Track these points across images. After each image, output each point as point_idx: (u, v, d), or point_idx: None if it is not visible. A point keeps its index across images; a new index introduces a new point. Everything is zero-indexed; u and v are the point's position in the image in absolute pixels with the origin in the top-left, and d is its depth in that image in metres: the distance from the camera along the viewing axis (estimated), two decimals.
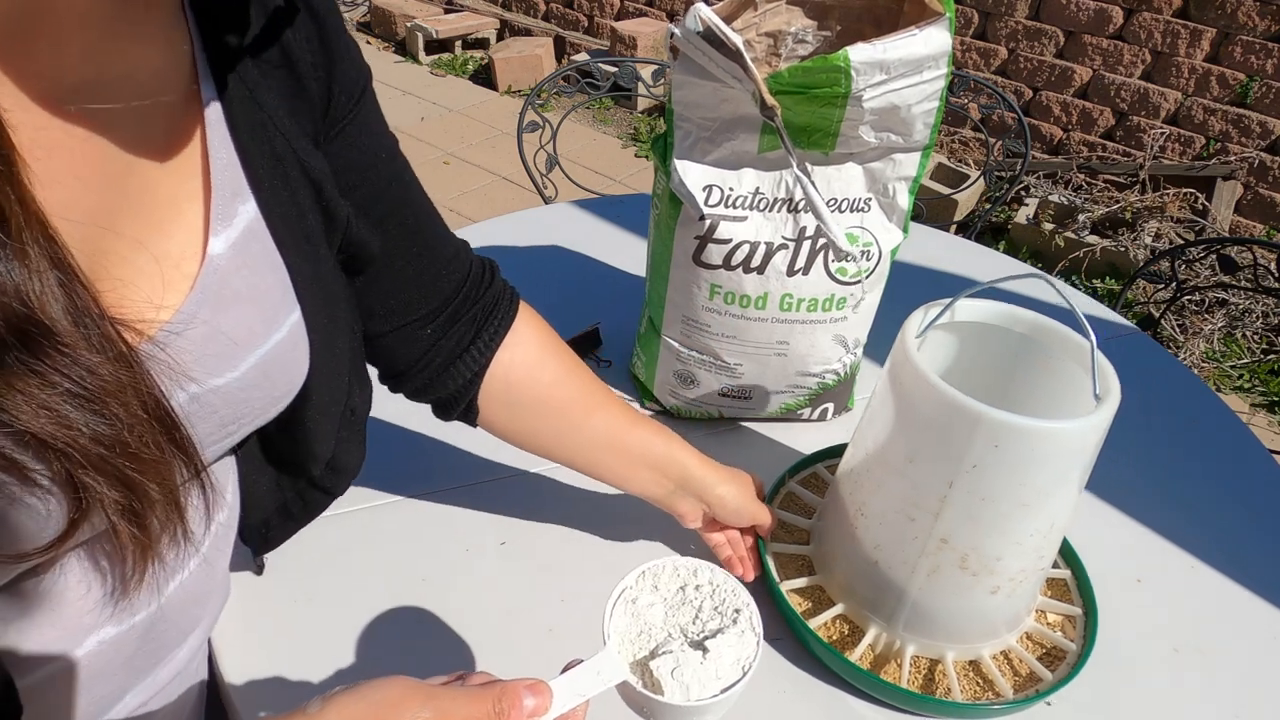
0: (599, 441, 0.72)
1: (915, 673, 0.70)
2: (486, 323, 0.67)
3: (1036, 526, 0.64)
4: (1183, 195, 2.84)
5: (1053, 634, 0.73)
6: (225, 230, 0.45)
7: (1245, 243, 1.70)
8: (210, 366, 0.44)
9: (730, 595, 0.50)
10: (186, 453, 0.39)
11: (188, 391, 0.43)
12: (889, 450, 0.66)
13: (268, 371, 0.48)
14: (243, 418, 0.49)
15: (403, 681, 0.41)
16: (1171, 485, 0.93)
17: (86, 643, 0.46)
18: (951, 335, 0.72)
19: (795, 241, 0.82)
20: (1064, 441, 0.60)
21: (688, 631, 0.48)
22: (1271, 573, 0.83)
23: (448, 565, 0.78)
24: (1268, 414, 2.35)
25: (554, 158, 1.70)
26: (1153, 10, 2.87)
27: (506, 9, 4.46)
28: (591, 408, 0.71)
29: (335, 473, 0.64)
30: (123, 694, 0.52)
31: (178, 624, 0.54)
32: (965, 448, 0.60)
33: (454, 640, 0.71)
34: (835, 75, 0.71)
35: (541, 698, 0.43)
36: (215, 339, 0.45)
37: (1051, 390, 0.68)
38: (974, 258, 1.30)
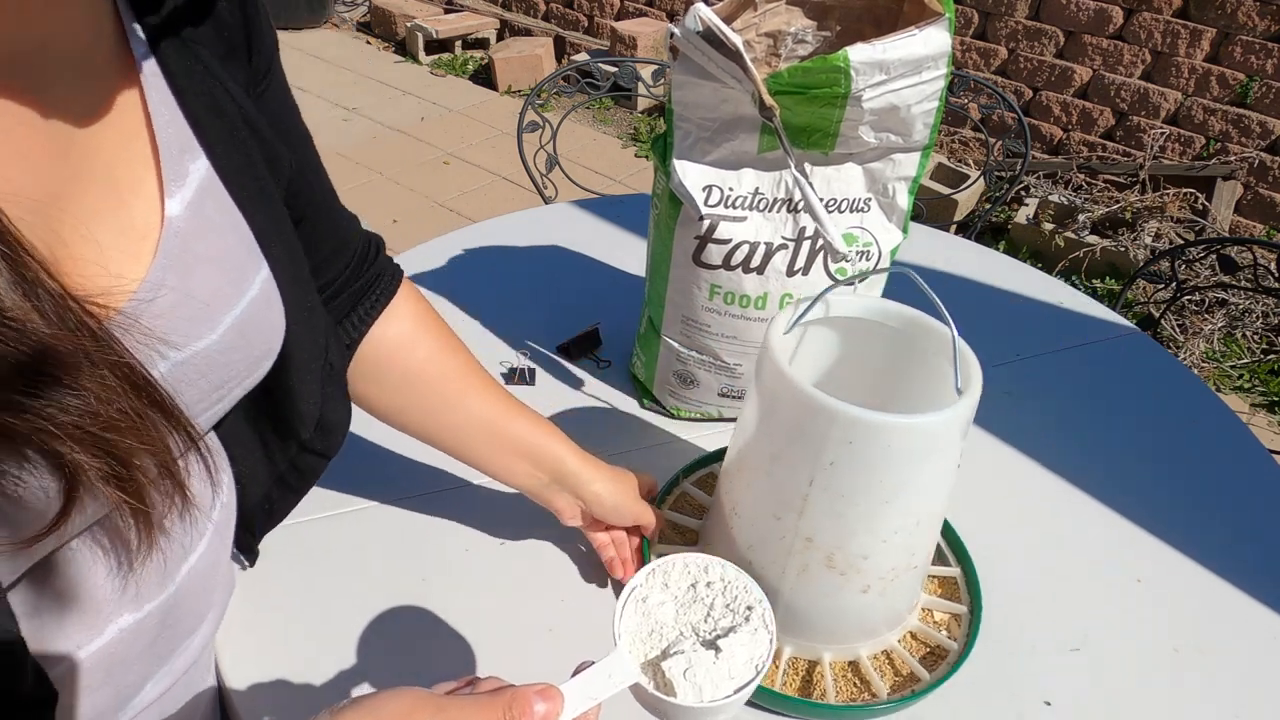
0: (472, 425, 0.70)
1: (793, 675, 0.70)
2: (363, 298, 0.66)
3: (901, 523, 0.63)
4: (1183, 195, 2.84)
5: (936, 633, 0.73)
6: (179, 190, 0.45)
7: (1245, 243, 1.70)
8: (186, 331, 0.44)
9: (742, 592, 0.49)
10: (174, 419, 0.39)
11: (169, 359, 0.43)
12: (755, 448, 0.66)
13: (244, 331, 0.48)
14: (228, 381, 0.48)
15: (412, 692, 0.40)
16: (1171, 485, 0.93)
17: (107, 631, 0.47)
18: (832, 331, 0.71)
19: (795, 241, 0.82)
20: (919, 436, 0.58)
21: (699, 630, 0.48)
22: (1271, 573, 0.83)
23: (448, 565, 0.78)
24: (1268, 414, 2.35)
25: (554, 158, 1.70)
26: (1153, 10, 2.87)
27: (506, 9, 4.47)
28: (466, 390, 0.70)
29: (325, 433, 0.63)
30: (144, 683, 0.52)
31: (192, 609, 0.54)
32: (822, 444, 0.59)
33: (454, 641, 0.71)
34: (835, 75, 0.71)
35: (552, 703, 0.42)
36: (186, 303, 0.44)
37: (926, 384, 0.67)
38: (974, 258, 1.31)
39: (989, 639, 0.75)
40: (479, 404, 0.70)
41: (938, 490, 0.64)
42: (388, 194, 3.07)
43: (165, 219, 0.44)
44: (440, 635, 0.72)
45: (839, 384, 0.71)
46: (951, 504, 0.88)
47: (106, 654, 0.47)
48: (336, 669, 0.68)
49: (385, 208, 2.98)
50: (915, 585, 0.72)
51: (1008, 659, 0.74)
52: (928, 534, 0.68)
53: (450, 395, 0.70)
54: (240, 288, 0.48)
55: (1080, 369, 1.10)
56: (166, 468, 0.39)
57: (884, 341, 0.69)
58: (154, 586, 0.49)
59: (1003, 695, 0.71)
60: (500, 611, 0.74)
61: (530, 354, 1.03)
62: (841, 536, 0.63)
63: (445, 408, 0.70)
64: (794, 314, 0.66)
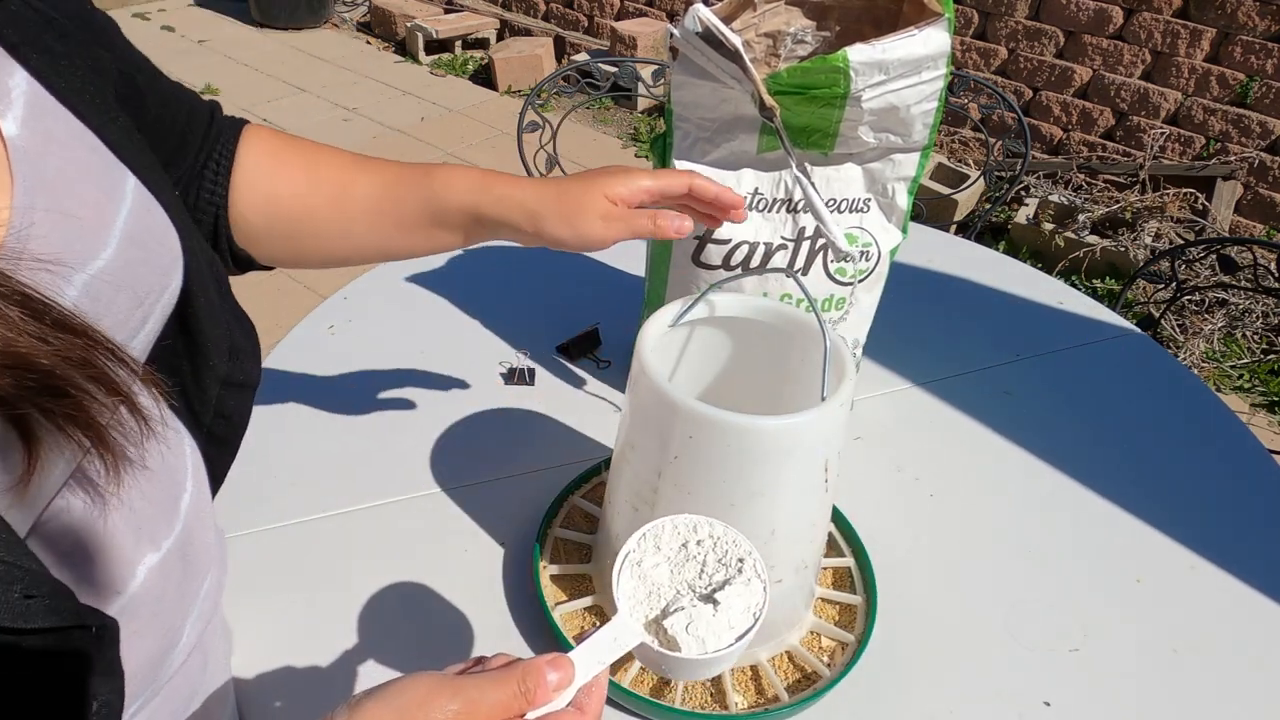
0: (373, 232, 0.65)
1: (696, 687, 0.68)
2: (206, 167, 0.62)
3: (755, 531, 0.60)
4: (1183, 195, 2.84)
5: (832, 627, 0.73)
6: (8, 110, 0.42)
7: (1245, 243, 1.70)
8: (79, 250, 0.42)
9: (732, 546, 0.50)
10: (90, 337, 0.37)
11: (74, 284, 0.42)
12: (623, 439, 0.66)
13: (137, 240, 0.46)
14: (145, 297, 0.47)
15: (427, 677, 0.41)
16: (1171, 485, 0.93)
17: (139, 573, 0.47)
18: (726, 331, 0.71)
19: (794, 242, 0.82)
20: (761, 438, 0.57)
21: (695, 587, 0.49)
22: (1271, 573, 0.83)
23: (448, 565, 0.78)
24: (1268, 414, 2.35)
25: (554, 158, 1.70)
26: (1153, 10, 2.87)
27: (506, 9, 4.47)
28: (344, 203, 0.65)
29: (238, 358, 0.59)
30: (183, 624, 0.52)
31: (202, 546, 0.54)
32: (668, 437, 0.59)
33: (454, 641, 0.71)
34: (834, 76, 0.71)
35: (564, 671, 0.43)
36: (67, 222, 0.42)
37: (809, 386, 0.65)
38: (974, 258, 1.31)
39: (990, 640, 0.75)
40: (363, 208, 0.65)
41: (796, 500, 0.62)
42: None
43: (6, 141, 0.42)
44: (440, 636, 0.72)
45: (737, 383, 0.71)
46: (950, 504, 0.88)
47: (145, 593, 0.48)
48: (335, 669, 0.68)
49: None
50: (805, 585, 0.71)
51: (1008, 659, 0.74)
52: (791, 547, 0.65)
53: (335, 219, 0.65)
54: (114, 198, 0.46)
55: (1080, 369, 1.10)
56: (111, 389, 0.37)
57: (779, 344, 0.68)
58: (162, 524, 0.50)
59: (1003, 695, 0.71)
60: (499, 612, 0.74)
61: (530, 354, 1.03)
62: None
63: (338, 232, 0.65)
64: (681, 308, 0.66)
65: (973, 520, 0.87)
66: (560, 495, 0.82)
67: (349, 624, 0.72)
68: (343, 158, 0.68)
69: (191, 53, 4.17)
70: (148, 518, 0.48)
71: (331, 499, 0.83)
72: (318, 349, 1.01)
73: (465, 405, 0.95)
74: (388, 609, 0.73)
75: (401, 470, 0.86)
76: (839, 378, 0.61)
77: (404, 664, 0.69)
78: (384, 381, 0.97)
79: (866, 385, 1.03)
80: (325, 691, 0.67)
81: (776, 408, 0.59)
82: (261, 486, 0.83)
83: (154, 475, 0.49)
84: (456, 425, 0.92)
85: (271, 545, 0.78)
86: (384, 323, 1.07)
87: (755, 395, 0.70)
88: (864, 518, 0.82)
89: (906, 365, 1.07)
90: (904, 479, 0.91)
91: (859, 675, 0.71)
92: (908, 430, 0.98)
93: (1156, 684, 0.73)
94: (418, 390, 0.97)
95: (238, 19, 4.58)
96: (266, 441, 0.88)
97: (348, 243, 0.66)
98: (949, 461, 0.94)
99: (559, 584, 0.75)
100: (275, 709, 0.66)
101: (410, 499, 0.84)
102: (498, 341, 1.06)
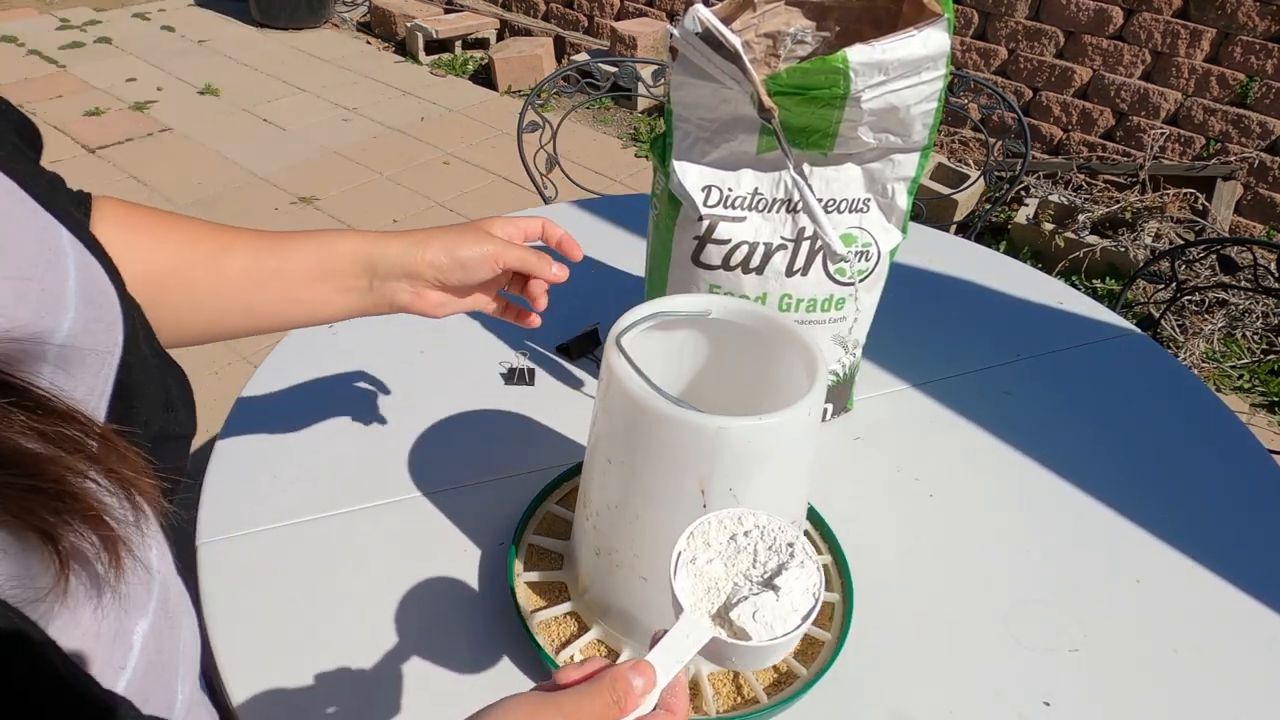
0: (249, 290, 0.61)
1: None
2: None
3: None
4: (1183, 195, 2.84)
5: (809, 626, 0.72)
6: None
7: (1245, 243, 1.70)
8: (45, 318, 0.40)
9: (779, 533, 0.51)
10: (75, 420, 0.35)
11: (49, 359, 0.40)
12: (592, 443, 0.67)
13: (88, 298, 0.44)
14: (103, 360, 0.45)
15: (525, 697, 0.42)
16: (1171, 485, 0.93)
17: (135, 642, 0.46)
18: (700, 332, 0.71)
19: (794, 242, 0.82)
20: (733, 438, 0.58)
21: (751, 576, 0.49)
22: (1271, 573, 0.83)
23: (448, 565, 0.78)
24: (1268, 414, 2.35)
25: (554, 158, 1.70)
26: (1153, 10, 2.87)
27: (506, 9, 4.46)
28: (212, 259, 0.61)
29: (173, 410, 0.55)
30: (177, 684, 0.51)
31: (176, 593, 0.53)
32: (634, 435, 0.60)
33: (454, 641, 0.71)
34: (834, 76, 0.71)
35: (647, 676, 0.44)
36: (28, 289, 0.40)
37: (788, 391, 0.65)
38: (974, 258, 1.31)
39: (990, 640, 0.75)
40: (238, 265, 0.61)
41: (771, 500, 0.62)
42: (388, 194, 3.07)
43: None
44: (440, 636, 0.72)
45: (716, 386, 0.72)
46: (950, 504, 0.88)
47: (145, 663, 0.47)
48: (335, 669, 0.68)
49: (385, 208, 2.98)
50: None
51: (1008, 659, 0.74)
52: None
53: (199, 283, 0.61)
54: (60, 255, 0.43)
55: (1080, 369, 1.10)
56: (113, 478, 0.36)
57: (759, 347, 0.69)
58: (141, 587, 0.49)
59: (1003, 695, 0.71)
60: (499, 612, 0.74)
61: (530, 354, 1.03)
62: (620, 526, 0.65)
63: (202, 298, 0.61)
64: (654, 308, 0.67)
65: (972, 520, 0.87)
66: (534, 501, 0.81)
67: (348, 624, 0.72)
68: (216, 224, 0.63)
69: (191, 53, 4.17)
70: (132, 586, 0.46)
71: (331, 499, 0.83)
72: (318, 349, 1.01)
73: (465, 405, 0.95)
74: (388, 609, 0.73)
75: (402, 470, 0.86)
76: (810, 380, 0.61)
77: (402, 664, 0.69)
78: (384, 381, 0.97)
79: (866, 385, 1.03)
80: (321, 691, 0.67)
81: (754, 411, 0.59)
82: (261, 487, 0.83)
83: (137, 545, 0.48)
84: (457, 425, 0.92)
85: (271, 545, 0.78)
86: (384, 323, 1.07)
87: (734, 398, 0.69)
88: (863, 518, 0.82)
89: (906, 365, 1.07)
90: (904, 479, 0.91)
91: (856, 676, 0.71)
92: (907, 430, 0.98)
93: (1156, 684, 0.73)
94: (417, 390, 0.97)
95: (238, 19, 4.58)
96: (266, 441, 0.88)
97: (224, 308, 0.62)
98: (949, 461, 0.94)
99: (536, 591, 0.75)
100: (273, 708, 0.66)
101: (410, 499, 0.84)
102: (498, 341, 1.06)
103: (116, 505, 0.37)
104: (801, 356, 0.63)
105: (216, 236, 0.62)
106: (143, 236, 0.61)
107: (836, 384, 0.94)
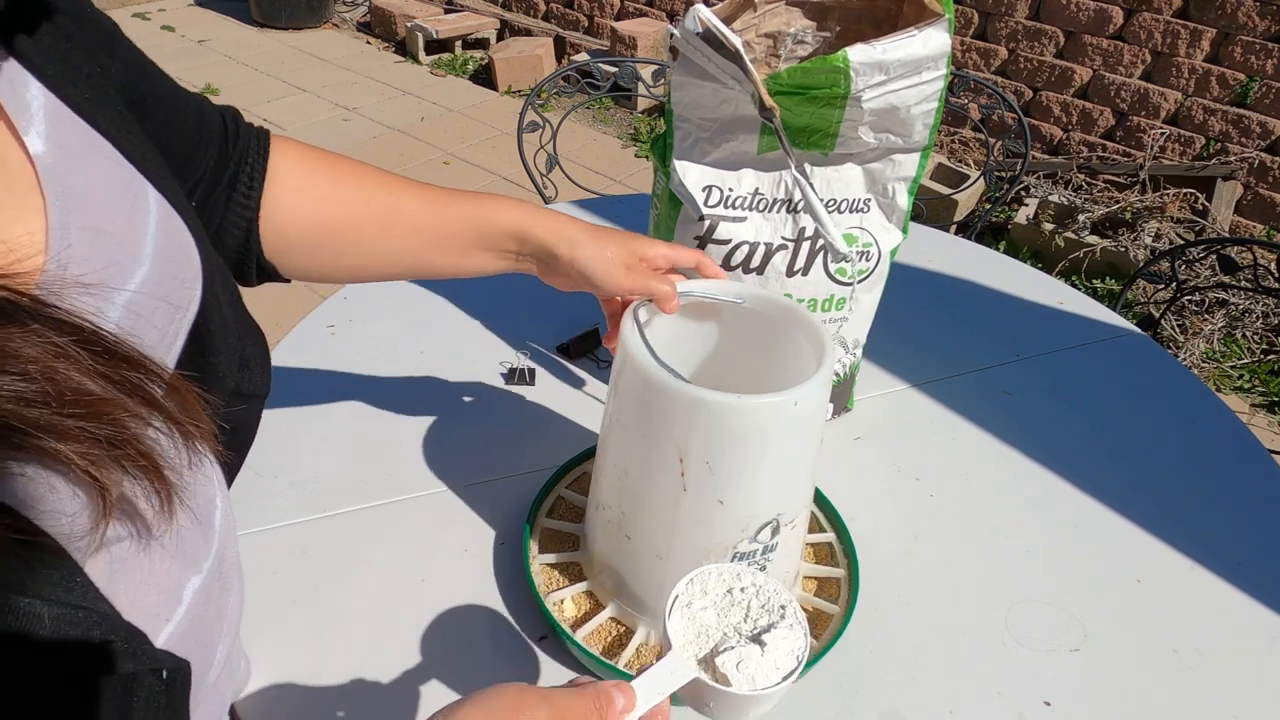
0: (413, 250, 0.67)
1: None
2: (238, 179, 0.62)
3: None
4: (1183, 195, 2.84)
5: (815, 599, 0.74)
6: (31, 125, 0.41)
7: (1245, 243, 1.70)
8: (117, 268, 0.41)
9: (774, 594, 0.53)
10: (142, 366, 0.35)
11: (117, 305, 0.41)
12: (606, 425, 0.69)
13: (166, 253, 0.45)
14: (175, 313, 0.46)
15: (513, 686, 0.44)
16: (1171, 485, 0.93)
17: (184, 598, 0.47)
18: (709, 318, 0.73)
19: (795, 242, 0.82)
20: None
21: (741, 629, 0.52)
22: (1271, 573, 0.83)
23: (448, 565, 0.78)
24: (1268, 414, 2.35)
25: (554, 158, 1.70)
26: (1153, 10, 2.87)
27: (506, 9, 4.47)
28: (384, 217, 0.66)
29: (248, 369, 0.58)
30: (218, 642, 0.52)
31: (231, 561, 0.54)
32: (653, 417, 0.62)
33: (453, 641, 0.71)
34: (834, 76, 0.71)
35: (628, 696, 0.47)
36: (102, 240, 0.41)
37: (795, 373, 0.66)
38: (974, 258, 1.31)
39: (990, 640, 0.75)
40: (407, 221, 0.66)
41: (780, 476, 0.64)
42: None
43: (34, 159, 0.40)
44: (439, 635, 0.72)
45: (725, 370, 0.73)
46: (950, 504, 0.88)
47: (191, 618, 0.47)
48: (334, 668, 0.68)
49: None
50: (790, 559, 0.72)
51: (1008, 659, 0.74)
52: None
53: (369, 232, 0.66)
54: (141, 212, 0.45)
55: (1080, 369, 1.10)
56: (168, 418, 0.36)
57: (767, 331, 0.70)
58: (201, 545, 0.49)
59: (1003, 695, 0.71)
60: (499, 612, 0.74)
61: (530, 354, 1.03)
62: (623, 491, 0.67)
63: (371, 248, 0.66)
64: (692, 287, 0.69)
65: (972, 520, 0.87)
66: (546, 486, 0.82)
67: (348, 624, 0.72)
68: (387, 175, 0.68)
69: (191, 53, 4.17)
70: (189, 541, 0.47)
71: (331, 499, 0.83)
72: (318, 349, 1.01)
73: (465, 405, 0.95)
74: (387, 608, 0.73)
75: (401, 470, 0.86)
76: (818, 359, 0.62)
77: (403, 663, 0.69)
78: (384, 381, 0.97)
79: (866, 385, 1.03)
80: (326, 690, 0.67)
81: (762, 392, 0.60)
82: (261, 486, 0.83)
83: (192, 496, 0.49)
84: (456, 425, 0.92)
85: (272, 545, 0.78)
86: (384, 323, 1.07)
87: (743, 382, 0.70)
88: (864, 518, 0.82)
89: (906, 365, 1.07)
90: (904, 479, 0.91)
91: (856, 676, 0.71)
92: (908, 430, 0.98)
93: (1156, 684, 0.73)
94: (418, 390, 0.97)
95: (238, 19, 4.59)
96: (267, 441, 0.88)
97: (384, 259, 0.68)
98: (949, 461, 0.94)
99: (552, 572, 0.76)
100: (276, 708, 0.66)
101: (410, 499, 0.84)
102: (498, 341, 1.06)
103: (175, 454, 0.37)
104: (815, 350, 0.64)
105: (387, 195, 0.66)
106: (322, 188, 0.65)
107: (837, 384, 0.94)
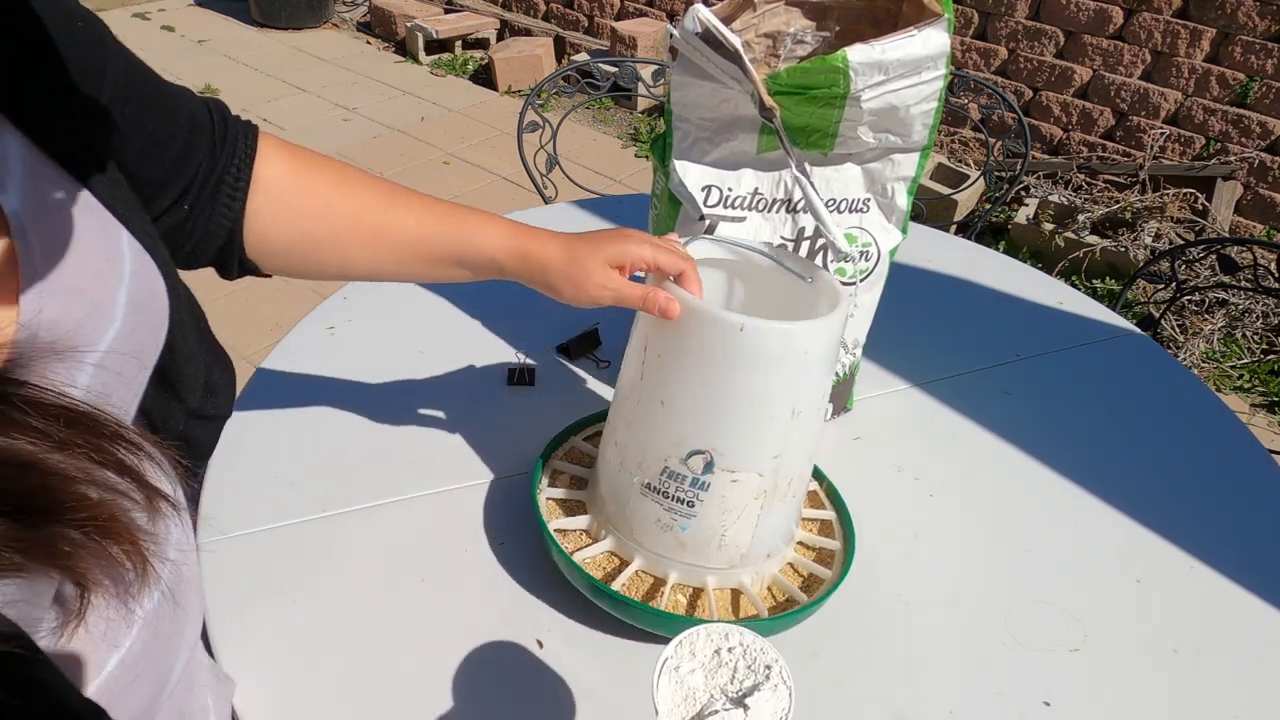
0: (398, 262, 0.68)
1: (678, 601, 0.73)
2: (224, 179, 0.61)
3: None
4: (1183, 195, 2.84)
5: (810, 563, 0.77)
6: (9, 179, 0.39)
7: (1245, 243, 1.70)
8: (89, 329, 0.40)
9: (760, 654, 0.54)
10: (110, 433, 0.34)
11: (86, 368, 0.39)
12: (630, 353, 0.71)
13: (138, 302, 0.44)
14: (146, 359, 0.45)
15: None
16: (1171, 485, 0.93)
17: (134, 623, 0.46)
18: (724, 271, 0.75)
19: (794, 242, 0.82)
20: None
21: (727, 691, 0.53)
22: (1271, 573, 0.83)
23: (448, 565, 0.78)
24: (1268, 414, 2.35)
25: (554, 158, 1.70)
26: (1153, 10, 2.87)
27: (506, 9, 4.47)
28: (369, 233, 0.66)
29: (213, 394, 0.57)
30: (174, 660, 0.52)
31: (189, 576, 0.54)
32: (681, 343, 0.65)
33: (452, 641, 0.71)
34: (834, 76, 0.71)
35: None
36: (74, 301, 0.39)
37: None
38: (974, 258, 1.31)
39: (990, 640, 0.75)
40: (387, 245, 0.67)
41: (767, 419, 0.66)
42: None
43: (8, 217, 0.38)
44: (439, 635, 0.72)
45: None
46: (950, 504, 0.88)
47: (140, 642, 0.47)
48: (334, 668, 0.68)
49: None
50: (788, 513, 0.74)
51: (1008, 659, 0.74)
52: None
53: (352, 242, 0.67)
54: (115, 262, 0.44)
55: (1080, 369, 1.10)
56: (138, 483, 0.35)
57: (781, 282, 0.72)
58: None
59: (1003, 695, 0.71)
60: (499, 612, 0.74)
61: (530, 354, 1.03)
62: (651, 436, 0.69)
63: (352, 256, 0.67)
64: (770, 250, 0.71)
65: (972, 520, 0.87)
66: (562, 434, 0.86)
67: (348, 623, 0.72)
68: (374, 185, 0.68)
69: (191, 53, 4.17)
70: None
71: (331, 499, 0.83)
72: (318, 349, 1.01)
73: (465, 405, 0.95)
74: (386, 608, 0.73)
75: (401, 470, 0.86)
76: (831, 303, 0.66)
77: (403, 664, 0.69)
78: (384, 382, 0.97)
79: (866, 385, 1.03)
80: (325, 690, 0.67)
81: None
82: (261, 486, 0.83)
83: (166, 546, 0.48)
84: (456, 425, 0.92)
85: (271, 545, 0.78)
86: (384, 323, 1.07)
87: None
88: (864, 518, 0.82)
89: (906, 365, 1.07)
90: (904, 479, 0.91)
91: (856, 676, 0.71)
92: (908, 430, 0.98)
93: (1156, 684, 0.73)
94: (418, 390, 0.97)
95: (238, 19, 4.59)
96: (267, 441, 0.88)
97: (366, 269, 0.69)
98: (949, 461, 0.94)
99: (556, 506, 0.80)
100: (275, 709, 0.66)
101: (410, 499, 0.84)
102: (498, 341, 1.06)
103: (145, 517, 0.36)
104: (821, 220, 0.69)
105: (372, 211, 0.67)
106: (307, 198, 0.65)
107: (837, 384, 0.94)
